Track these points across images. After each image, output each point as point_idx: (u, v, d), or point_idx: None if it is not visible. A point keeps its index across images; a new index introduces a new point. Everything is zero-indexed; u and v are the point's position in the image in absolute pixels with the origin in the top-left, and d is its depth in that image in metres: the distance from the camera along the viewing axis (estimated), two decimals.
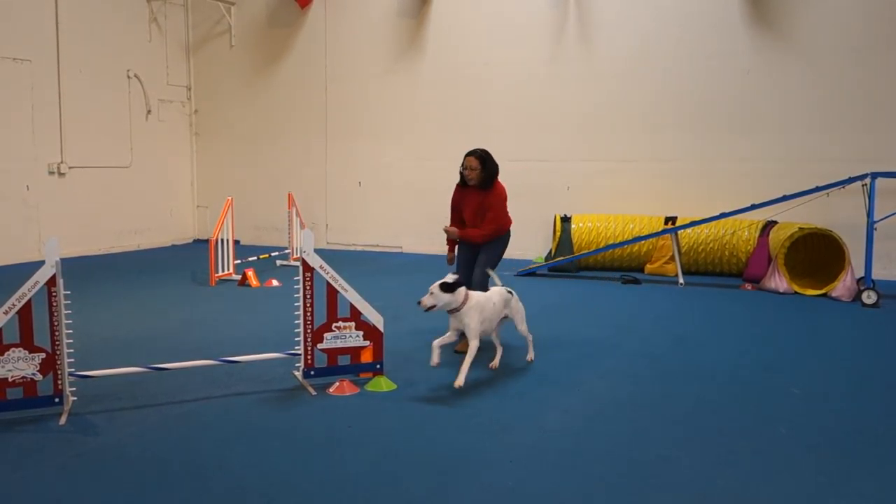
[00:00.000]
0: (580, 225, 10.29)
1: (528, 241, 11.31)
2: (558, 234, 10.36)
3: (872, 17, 9.53)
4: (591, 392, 4.84)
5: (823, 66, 9.77)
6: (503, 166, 11.26)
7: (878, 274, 8.46)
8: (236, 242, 10.13)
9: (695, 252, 9.74)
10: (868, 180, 8.05)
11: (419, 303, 4.80)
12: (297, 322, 4.87)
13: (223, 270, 9.03)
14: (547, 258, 10.51)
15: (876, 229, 7.96)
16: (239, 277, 8.79)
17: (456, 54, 11.58)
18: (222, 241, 9.04)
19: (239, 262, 9.51)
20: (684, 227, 9.36)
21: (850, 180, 8.21)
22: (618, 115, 10.78)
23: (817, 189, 8.44)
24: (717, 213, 9.08)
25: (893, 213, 8.08)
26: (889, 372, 5.37)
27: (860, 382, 5.10)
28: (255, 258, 10.11)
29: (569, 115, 11.03)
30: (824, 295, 8.28)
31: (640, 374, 5.26)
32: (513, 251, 11.17)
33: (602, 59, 10.80)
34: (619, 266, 10.13)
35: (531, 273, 9.81)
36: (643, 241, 9.72)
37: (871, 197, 7.98)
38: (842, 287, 8.14)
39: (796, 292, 8.44)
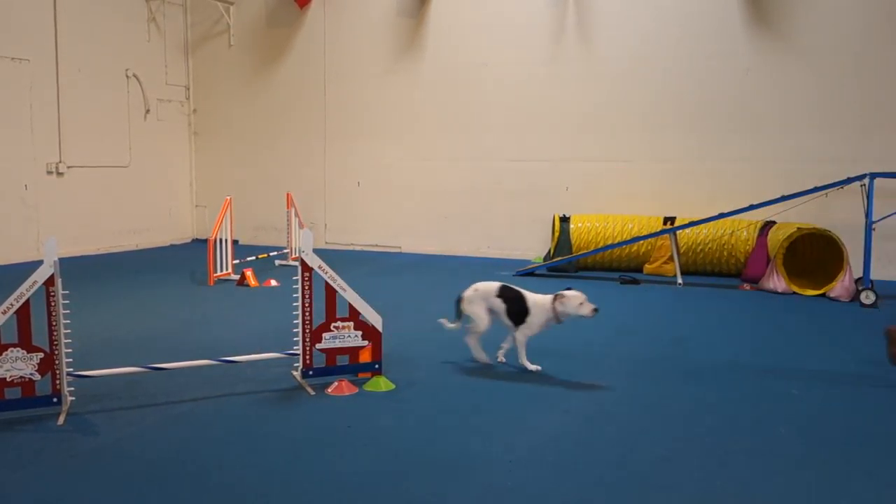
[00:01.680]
0: (579, 225, 10.29)
1: (526, 241, 11.33)
2: (557, 234, 10.36)
3: (871, 18, 9.54)
4: (591, 392, 4.84)
5: (823, 66, 9.78)
6: (502, 166, 11.46)
7: (876, 274, 8.46)
8: (235, 242, 10.12)
9: (693, 252, 9.74)
10: (866, 181, 8.05)
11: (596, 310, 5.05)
12: (295, 322, 4.86)
13: (222, 270, 9.02)
14: (546, 258, 10.52)
15: (874, 229, 7.96)
16: (237, 277, 8.79)
17: (455, 54, 11.58)
18: (221, 240, 9.03)
19: (238, 261, 9.50)
20: (683, 227, 9.37)
21: (849, 181, 8.21)
22: (617, 116, 10.78)
23: (816, 189, 8.44)
24: (715, 214, 9.08)
25: (892, 214, 8.08)
26: (888, 373, 5.37)
27: (859, 383, 5.10)
28: (253, 258, 10.11)
29: (568, 116, 11.03)
30: (823, 295, 8.29)
31: (639, 374, 5.26)
32: (511, 251, 11.31)
33: (602, 60, 10.80)
34: (618, 266, 10.13)
35: (530, 273, 9.81)
36: (642, 242, 9.73)
37: (869, 197, 7.99)
38: (840, 287, 8.15)
39: (795, 292, 8.44)
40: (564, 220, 10.45)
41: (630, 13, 10.60)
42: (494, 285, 5.35)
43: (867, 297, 7.78)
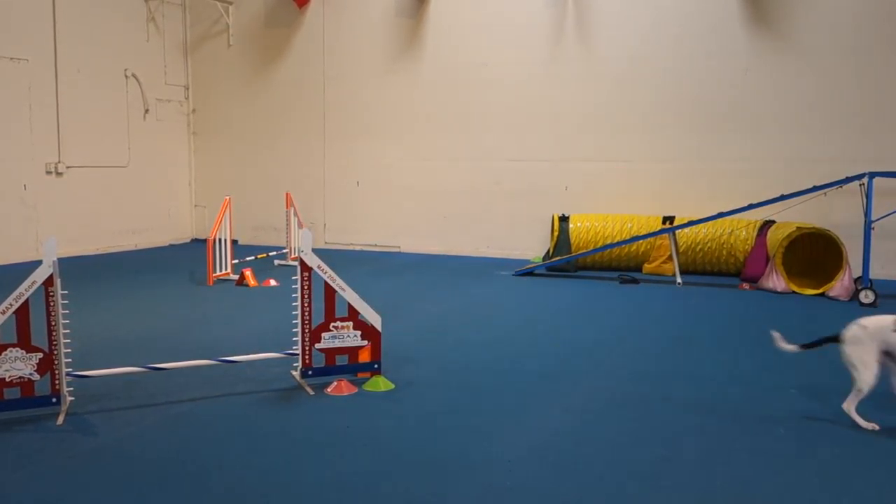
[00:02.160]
0: (578, 224, 10.29)
1: (526, 241, 11.33)
2: (556, 233, 10.36)
3: (871, 17, 9.54)
4: (591, 392, 4.84)
5: (822, 66, 9.78)
6: (502, 166, 11.46)
7: (875, 273, 8.46)
8: (234, 242, 10.13)
9: (693, 252, 9.74)
10: (865, 180, 8.06)
11: None
12: (294, 322, 4.86)
13: (221, 270, 9.02)
14: (545, 258, 10.52)
15: (873, 229, 7.96)
16: (237, 277, 8.79)
17: (455, 54, 11.57)
18: (220, 240, 9.03)
19: (237, 261, 9.51)
20: (682, 226, 9.37)
21: (848, 180, 8.21)
22: (617, 115, 10.78)
23: (815, 189, 8.44)
24: (714, 213, 9.08)
25: (891, 213, 8.09)
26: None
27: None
28: (252, 258, 10.11)
29: (567, 116, 11.03)
30: (822, 294, 8.29)
31: (639, 373, 5.26)
32: (511, 251, 11.30)
33: (601, 60, 10.80)
34: (618, 266, 10.13)
35: (529, 273, 9.81)
36: (641, 241, 9.73)
37: (868, 196, 8.00)
38: (839, 287, 8.15)
39: (794, 292, 8.45)
40: (564, 219, 10.45)
41: (629, 13, 10.59)
42: (889, 319, 4.12)
43: (866, 297, 7.78)
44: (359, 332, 4.88)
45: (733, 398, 4.70)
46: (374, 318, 4.92)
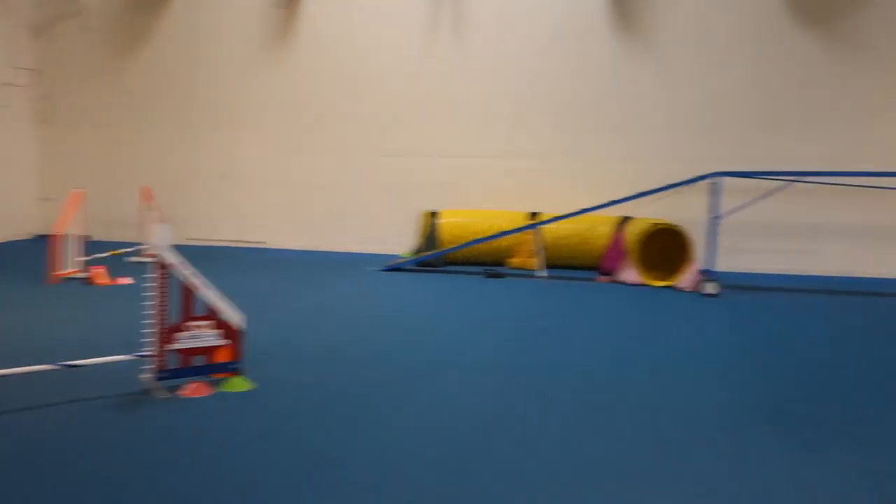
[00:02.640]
0: (447, 220, 10.40)
1: (395, 237, 11.32)
2: (425, 228, 10.42)
3: (726, 27, 10.37)
4: (456, 384, 4.88)
5: (678, 72, 10.52)
6: (373, 161, 11.39)
7: (721, 266, 9.08)
8: (86, 238, 9.47)
9: (557, 246, 10.08)
10: (714, 179, 8.65)
11: None
12: (147, 322, 4.60)
13: (69, 268, 8.42)
14: (414, 253, 10.55)
15: (719, 224, 8.56)
16: (86, 275, 8.24)
17: (327, 47, 11.38)
18: (69, 236, 8.42)
19: (87, 258, 8.90)
20: (545, 222, 9.67)
21: (698, 179, 8.78)
22: (486, 112, 11.02)
23: (669, 187, 8.96)
24: (577, 210, 9.43)
25: (735, 210, 8.71)
26: (725, 356, 5.77)
27: (708, 367, 5.44)
28: (105, 254, 9.51)
29: (438, 111, 11.13)
30: (671, 286, 8.82)
31: (503, 363, 5.37)
32: (380, 246, 11.26)
33: (473, 57, 10.99)
34: (485, 261, 10.32)
35: (398, 268, 9.81)
36: (508, 236, 9.95)
37: (715, 194, 8.59)
38: (687, 278, 8.71)
39: (646, 283, 8.93)
40: (432, 215, 10.52)
41: (503, 11, 10.85)
42: None
43: (710, 287, 8.36)
44: (218, 332, 4.69)
45: (590, 380, 4.89)
46: (234, 316, 4.74)
